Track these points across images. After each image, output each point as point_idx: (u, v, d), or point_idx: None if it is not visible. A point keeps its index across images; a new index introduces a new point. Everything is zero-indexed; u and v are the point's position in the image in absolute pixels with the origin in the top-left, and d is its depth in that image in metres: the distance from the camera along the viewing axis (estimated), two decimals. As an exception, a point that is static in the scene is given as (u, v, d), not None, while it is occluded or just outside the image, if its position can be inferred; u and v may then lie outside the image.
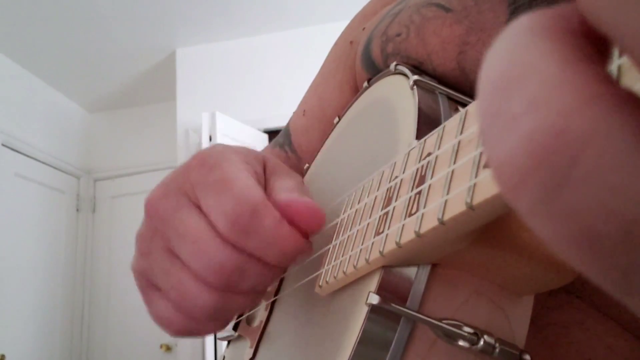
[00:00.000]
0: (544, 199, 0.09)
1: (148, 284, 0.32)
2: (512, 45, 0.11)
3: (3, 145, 3.00)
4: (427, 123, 0.28)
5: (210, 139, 2.82)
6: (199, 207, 0.30)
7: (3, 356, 2.83)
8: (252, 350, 0.42)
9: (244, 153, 0.34)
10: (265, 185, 0.32)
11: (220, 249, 0.28)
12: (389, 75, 0.38)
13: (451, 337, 0.22)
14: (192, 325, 0.31)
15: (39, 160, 3.32)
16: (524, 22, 0.11)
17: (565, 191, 0.09)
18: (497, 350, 0.22)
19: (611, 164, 0.08)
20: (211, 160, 0.30)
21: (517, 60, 0.10)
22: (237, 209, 0.28)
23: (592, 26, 0.10)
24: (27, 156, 3.22)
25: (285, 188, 0.31)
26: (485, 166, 0.17)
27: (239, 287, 0.30)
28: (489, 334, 0.22)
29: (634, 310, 0.10)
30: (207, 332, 0.33)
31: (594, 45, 0.10)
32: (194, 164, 0.31)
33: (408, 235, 0.22)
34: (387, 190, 0.26)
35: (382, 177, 0.28)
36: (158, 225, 0.31)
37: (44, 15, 2.80)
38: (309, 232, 0.31)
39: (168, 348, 3.34)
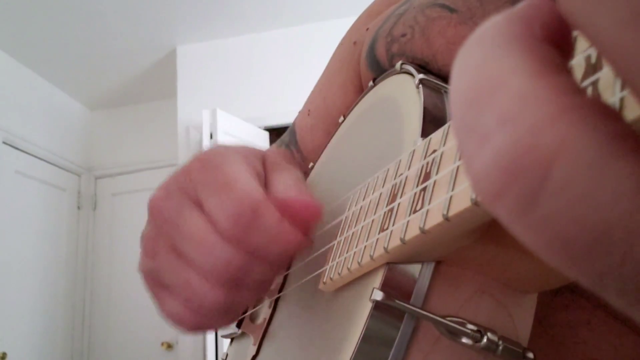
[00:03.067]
0: (520, 211, 0.10)
1: (156, 283, 0.33)
2: (481, 57, 0.11)
3: (4, 142, 3.00)
4: (432, 121, 0.29)
5: (211, 137, 2.82)
6: (201, 207, 0.30)
7: (5, 354, 2.83)
8: (255, 348, 0.42)
9: (244, 152, 0.34)
10: (265, 181, 0.33)
11: (224, 248, 0.29)
12: (394, 74, 0.38)
13: (454, 334, 0.22)
14: (203, 320, 0.32)
15: (39, 158, 3.32)
16: (490, 29, 0.11)
17: (538, 203, 0.09)
18: (501, 347, 0.22)
19: (579, 176, 0.09)
20: (212, 161, 0.31)
21: (486, 74, 0.10)
22: (238, 209, 0.29)
23: (553, 27, 0.11)
24: (28, 154, 3.22)
25: (283, 183, 0.32)
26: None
27: (244, 283, 0.31)
28: (493, 332, 0.22)
29: (621, 309, 0.10)
30: (218, 327, 0.34)
31: (556, 47, 0.11)
32: (196, 165, 0.31)
33: (413, 232, 0.22)
34: (392, 187, 0.26)
35: (387, 174, 0.28)
36: (162, 226, 0.31)
37: (45, 13, 2.79)
38: (308, 227, 0.31)
39: (169, 346, 3.34)
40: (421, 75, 0.32)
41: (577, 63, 0.13)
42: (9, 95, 3.08)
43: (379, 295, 0.23)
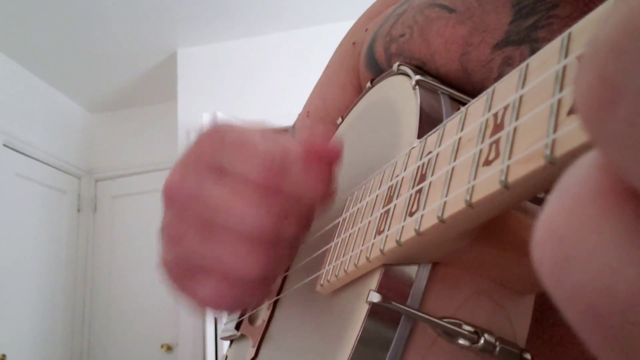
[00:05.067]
0: (555, 275, 0.11)
1: (185, 271, 0.31)
2: (573, 215, 0.11)
3: (4, 145, 3.01)
4: (429, 123, 0.29)
5: (211, 139, 2.81)
6: (221, 175, 0.29)
7: (4, 356, 2.83)
8: (254, 349, 0.42)
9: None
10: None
11: (259, 202, 0.28)
12: (392, 75, 0.38)
13: (451, 336, 0.22)
14: (244, 294, 0.30)
15: (40, 161, 3.33)
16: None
17: (570, 268, 0.10)
18: (498, 349, 0.22)
19: (608, 246, 0.10)
20: (219, 130, 0.30)
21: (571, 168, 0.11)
22: (267, 158, 0.28)
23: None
24: (28, 156, 3.23)
25: (297, 138, 0.32)
26: (485, 164, 0.17)
27: (283, 237, 0.29)
28: (490, 333, 0.22)
29: None
30: (259, 300, 0.32)
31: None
32: (203, 139, 0.31)
33: (408, 234, 0.22)
34: (388, 189, 0.26)
35: (383, 176, 0.28)
36: (184, 206, 0.30)
37: (45, 15, 2.80)
38: (332, 166, 0.31)
39: (169, 348, 3.34)
40: (418, 77, 0.32)
41: (570, 63, 0.13)
42: (9, 98, 3.08)
43: (375, 297, 0.23)
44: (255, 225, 0.28)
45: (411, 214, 0.22)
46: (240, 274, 0.29)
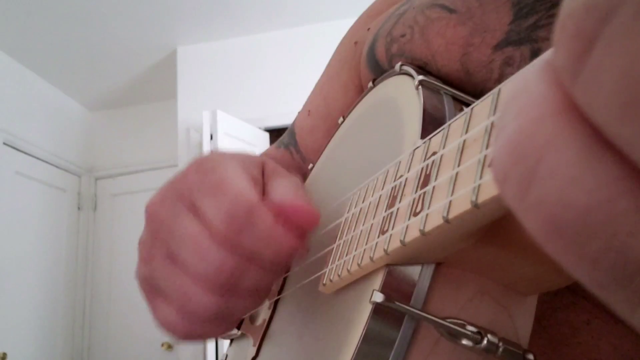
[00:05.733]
0: (519, 193, 0.11)
1: (151, 290, 0.33)
2: (521, 76, 0.12)
3: (4, 143, 3.01)
4: (432, 123, 0.29)
5: (211, 138, 2.82)
6: (196, 211, 0.30)
7: (5, 354, 2.83)
8: (255, 349, 0.42)
9: (241, 158, 0.34)
10: (263, 188, 0.33)
11: (217, 251, 0.29)
12: (394, 75, 0.38)
13: (454, 336, 0.22)
14: (197, 329, 0.31)
15: (39, 159, 3.32)
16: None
17: (533, 185, 0.11)
18: (501, 349, 0.22)
19: (567, 162, 0.10)
20: (207, 165, 0.31)
21: (518, 84, 0.12)
22: (231, 210, 0.29)
23: None
24: (28, 155, 3.23)
25: (280, 189, 0.32)
26: (490, 165, 0.17)
27: (240, 289, 0.30)
28: (493, 333, 0.22)
29: (614, 307, 0.11)
30: (212, 336, 0.33)
31: None
32: (191, 170, 0.32)
33: (413, 234, 0.22)
34: (392, 189, 0.26)
35: (386, 176, 0.28)
36: (157, 230, 0.31)
37: (45, 13, 2.80)
38: (304, 232, 0.31)
39: (169, 346, 3.34)
40: (421, 77, 0.32)
41: None
42: (9, 97, 3.08)
43: (379, 297, 0.23)
44: (212, 271, 0.29)
45: (416, 214, 0.22)
46: (194, 311, 0.30)
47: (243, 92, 3.17)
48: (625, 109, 0.09)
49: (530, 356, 0.23)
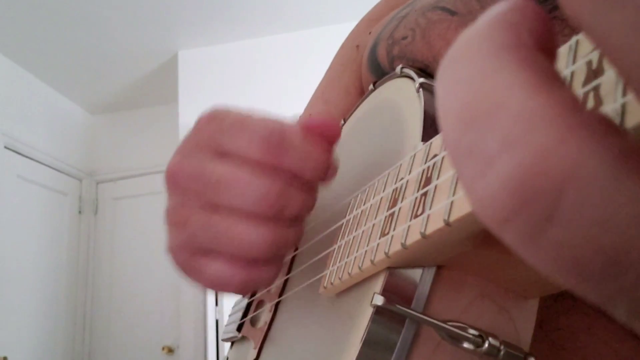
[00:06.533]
0: (531, 235, 0.09)
1: (192, 253, 0.31)
2: (471, 71, 0.10)
3: (5, 147, 3.01)
4: (433, 125, 0.29)
5: (212, 141, 2.82)
6: (224, 154, 0.29)
7: (5, 358, 2.83)
8: (256, 352, 0.42)
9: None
10: None
11: (261, 177, 0.28)
12: (395, 78, 0.38)
13: (456, 339, 0.22)
14: (253, 273, 0.30)
15: (41, 163, 3.33)
16: (476, 38, 0.11)
17: (551, 227, 0.09)
18: (502, 352, 0.22)
19: (593, 199, 0.09)
20: (219, 113, 0.31)
21: (481, 91, 0.10)
22: (266, 133, 0.28)
23: (540, 33, 0.10)
24: (29, 158, 3.23)
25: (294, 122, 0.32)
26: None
27: (286, 215, 0.29)
28: (494, 337, 0.22)
29: (628, 325, 0.10)
30: (267, 280, 0.32)
31: (546, 54, 0.10)
32: (202, 123, 0.31)
33: (414, 237, 0.22)
34: (393, 192, 0.26)
35: (387, 178, 0.28)
36: (187, 187, 0.30)
37: (46, 17, 2.80)
38: (330, 145, 0.31)
39: (170, 350, 3.34)
40: (421, 80, 0.32)
41: (579, 68, 0.13)
42: (10, 100, 3.09)
43: (379, 300, 0.23)
44: (259, 201, 0.28)
45: (416, 217, 0.22)
46: (247, 252, 0.29)
47: (244, 96, 3.18)
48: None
49: (532, 359, 0.23)
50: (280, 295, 0.43)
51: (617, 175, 0.08)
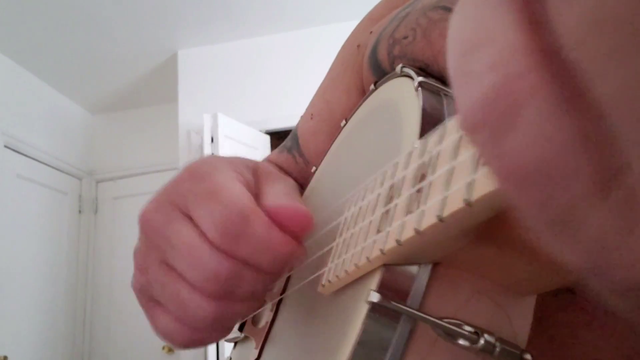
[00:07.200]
0: (492, 141, 0.12)
1: (148, 299, 0.33)
2: (477, 13, 0.13)
3: (5, 146, 3.01)
4: (431, 124, 0.29)
5: (212, 140, 2.82)
6: (190, 218, 0.30)
7: (5, 357, 2.83)
8: (257, 351, 0.42)
9: (235, 162, 0.34)
10: (257, 192, 0.33)
11: (213, 257, 0.29)
12: (395, 77, 0.38)
13: (452, 336, 0.22)
14: (196, 335, 0.31)
15: (41, 162, 3.33)
16: None
17: (512, 133, 0.12)
18: (498, 349, 0.22)
19: (540, 119, 0.11)
20: (201, 171, 0.31)
21: (482, 27, 0.13)
22: (226, 216, 0.29)
23: None
24: (29, 157, 3.23)
25: (274, 193, 0.32)
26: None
27: (237, 294, 0.30)
28: (490, 333, 0.22)
29: (553, 253, 0.12)
30: (211, 341, 0.33)
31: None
32: (184, 176, 0.31)
33: (408, 233, 0.22)
34: (389, 188, 0.26)
35: (384, 176, 0.28)
36: (152, 238, 0.31)
37: (46, 17, 2.80)
38: (300, 236, 0.31)
39: (170, 350, 3.34)
40: (420, 78, 0.32)
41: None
42: (10, 99, 3.09)
43: (375, 297, 0.23)
44: (207, 279, 0.29)
45: (411, 213, 0.22)
46: (191, 320, 0.30)
47: (244, 95, 3.18)
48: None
49: (528, 356, 0.23)
50: (282, 294, 0.43)
51: (558, 110, 0.11)
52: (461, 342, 0.22)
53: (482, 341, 0.22)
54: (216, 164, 0.32)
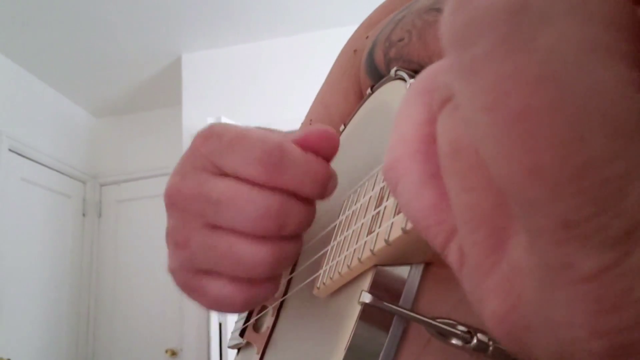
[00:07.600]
0: (392, 193, 0.17)
1: (193, 273, 0.31)
2: (403, 102, 0.18)
3: (9, 150, 3.02)
4: None
5: (216, 144, 2.82)
6: (223, 172, 0.29)
7: (9, 360, 2.84)
8: (258, 356, 0.42)
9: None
10: None
11: (259, 195, 0.28)
12: (390, 80, 0.38)
13: (445, 336, 0.22)
14: (252, 291, 0.31)
15: (45, 165, 3.34)
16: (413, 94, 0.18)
17: (396, 195, 0.17)
18: (491, 348, 0.22)
19: (408, 190, 0.16)
20: (213, 132, 0.30)
21: (399, 114, 0.17)
22: (264, 151, 0.28)
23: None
24: (33, 161, 3.24)
25: (292, 135, 0.32)
26: None
27: (287, 230, 0.29)
28: (483, 332, 0.22)
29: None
30: (266, 297, 0.32)
31: None
32: (199, 141, 0.31)
33: (396, 232, 0.22)
34: (380, 190, 0.26)
35: (376, 178, 0.28)
36: (188, 207, 0.30)
37: (50, 20, 2.82)
38: (329, 157, 0.31)
39: (173, 353, 3.34)
40: (412, 80, 0.32)
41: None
42: (14, 103, 3.10)
43: (367, 298, 0.23)
44: (259, 219, 0.28)
45: (399, 213, 0.22)
46: (248, 272, 0.29)
47: (247, 99, 3.18)
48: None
49: None
50: (282, 297, 0.43)
51: (418, 186, 0.16)
52: (454, 341, 0.22)
53: (475, 340, 0.22)
54: (225, 124, 0.31)
